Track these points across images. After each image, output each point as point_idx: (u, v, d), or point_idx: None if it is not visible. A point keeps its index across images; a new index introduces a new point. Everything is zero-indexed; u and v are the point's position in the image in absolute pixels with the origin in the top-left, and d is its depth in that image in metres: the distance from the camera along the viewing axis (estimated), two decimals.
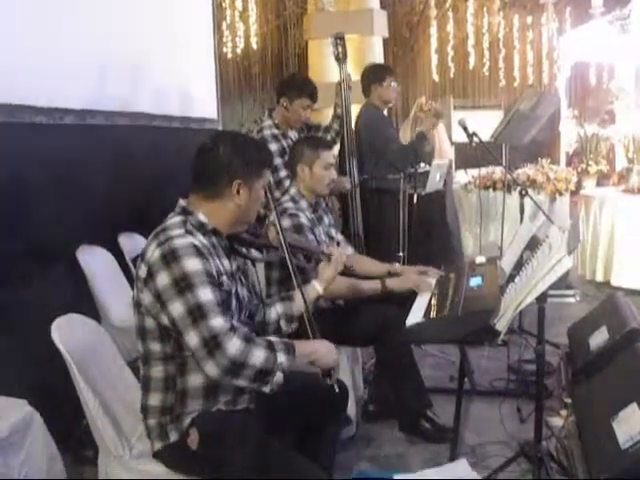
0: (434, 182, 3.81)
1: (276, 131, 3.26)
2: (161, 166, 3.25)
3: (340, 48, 3.40)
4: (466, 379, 2.74)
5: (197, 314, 1.48)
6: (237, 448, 1.52)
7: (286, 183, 2.98)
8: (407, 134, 5.53)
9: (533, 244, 2.03)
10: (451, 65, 7.34)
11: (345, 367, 2.38)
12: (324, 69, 5.72)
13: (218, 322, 1.49)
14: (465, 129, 3.14)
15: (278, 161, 3.12)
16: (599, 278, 4.47)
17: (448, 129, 5.62)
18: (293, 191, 2.53)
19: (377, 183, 3.60)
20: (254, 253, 1.83)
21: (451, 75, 7.36)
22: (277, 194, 2.86)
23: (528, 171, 5.21)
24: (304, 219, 2.40)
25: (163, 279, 1.50)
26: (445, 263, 2.63)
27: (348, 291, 2.35)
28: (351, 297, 2.39)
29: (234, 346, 1.48)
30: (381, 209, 3.64)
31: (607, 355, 2.05)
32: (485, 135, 3.34)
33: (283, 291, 2.26)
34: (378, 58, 6.14)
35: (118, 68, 3.08)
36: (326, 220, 2.67)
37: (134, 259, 2.88)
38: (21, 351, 2.17)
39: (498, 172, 5.07)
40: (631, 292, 4.00)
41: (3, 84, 2.36)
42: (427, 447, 2.42)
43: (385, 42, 6.60)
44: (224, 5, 6.09)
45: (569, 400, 2.18)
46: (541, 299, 1.81)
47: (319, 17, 6.16)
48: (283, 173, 3.11)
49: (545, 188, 5.03)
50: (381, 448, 2.45)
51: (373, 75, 3.72)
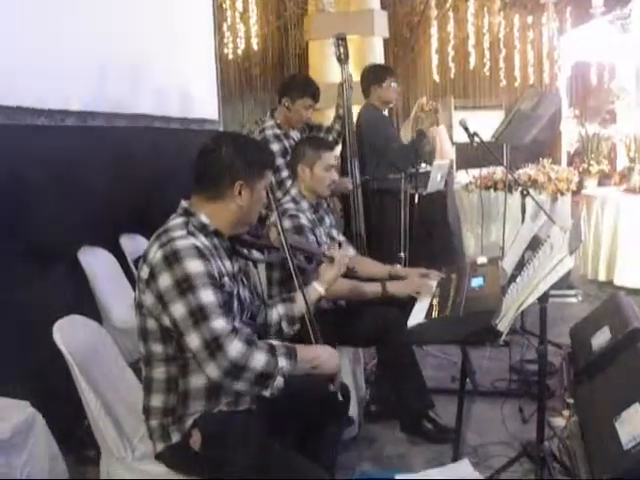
0: (435, 182, 3.80)
1: (278, 131, 3.26)
2: (162, 167, 3.25)
3: (342, 49, 3.40)
4: (468, 379, 2.74)
5: (199, 315, 1.48)
6: (239, 449, 1.52)
7: (288, 183, 2.98)
8: (408, 134, 5.53)
9: (535, 244, 2.03)
10: (452, 65, 7.33)
11: (347, 368, 2.38)
12: (325, 70, 5.72)
13: (220, 324, 1.49)
14: (466, 129, 3.14)
15: (280, 161, 3.11)
16: (602, 278, 4.47)
17: (449, 129, 5.62)
18: (294, 192, 2.52)
19: (378, 183, 3.60)
20: (255, 254, 1.82)
21: (452, 75, 7.36)
22: (279, 194, 2.86)
23: (529, 171, 5.20)
24: (305, 220, 2.40)
25: (165, 280, 1.51)
26: (446, 263, 2.63)
27: (349, 293, 2.35)
28: (352, 299, 2.39)
29: (235, 348, 1.48)
30: (382, 209, 3.64)
31: (609, 355, 2.05)
32: (486, 135, 3.33)
33: (284, 292, 2.26)
34: (379, 58, 6.15)
35: (119, 69, 3.08)
36: (327, 221, 2.66)
37: (136, 260, 2.88)
38: (23, 352, 2.17)
39: (499, 172, 5.07)
40: (634, 291, 3.99)
41: (4, 86, 2.36)
42: (429, 447, 2.41)
43: (386, 42, 6.60)
44: (225, 6, 6.10)
45: (571, 400, 2.18)
46: (543, 299, 1.80)
47: (319, 18, 6.17)
48: (285, 173, 3.11)
49: (546, 188, 5.03)
50: (383, 448, 2.44)
51: (373, 76, 3.72)
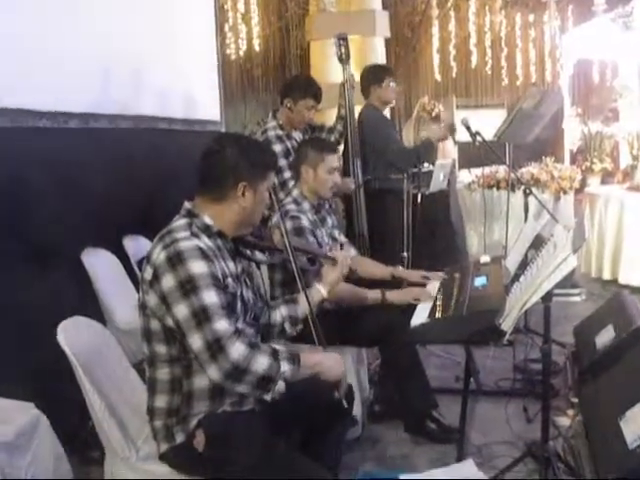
0: (438, 182, 3.80)
1: (280, 132, 3.26)
2: (165, 168, 3.26)
3: (343, 49, 3.40)
4: (472, 379, 2.73)
5: (201, 317, 1.48)
6: (243, 449, 1.52)
7: (290, 185, 2.98)
8: (410, 134, 5.53)
9: (538, 243, 2.02)
10: (453, 64, 7.32)
11: (350, 368, 2.37)
12: (326, 70, 5.71)
13: (222, 325, 1.49)
14: (468, 128, 3.13)
15: (282, 162, 3.11)
16: (606, 276, 4.45)
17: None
18: (295, 193, 2.52)
19: (381, 183, 3.60)
20: (258, 255, 1.83)
21: (453, 74, 7.34)
22: (281, 195, 2.86)
23: (532, 170, 5.19)
24: (305, 221, 2.40)
25: (168, 281, 1.51)
26: (449, 263, 2.62)
27: (350, 298, 2.34)
28: (352, 304, 2.38)
29: (237, 351, 1.48)
30: (385, 209, 3.63)
31: (614, 354, 2.04)
32: (488, 134, 3.32)
33: (287, 293, 2.26)
34: (380, 58, 6.14)
35: (121, 71, 3.09)
36: (329, 221, 2.66)
37: (139, 262, 2.88)
38: (27, 354, 2.18)
39: (502, 171, 5.06)
40: (639, 290, 3.98)
41: (6, 88, 2.37)
42: (433, 447, 2.41)
43: (387, 42, 6.59)
44: (226, 7, 6.10)
45: (576, 399, 2.17)
46: (546, 298, 1.80)
47: (321, 18, 6.16)
48: (287, 174, 3.11)
49: (549, 187, 5.01)
50: (387, 449, 2.44)
51: (372, 76, 3.72)
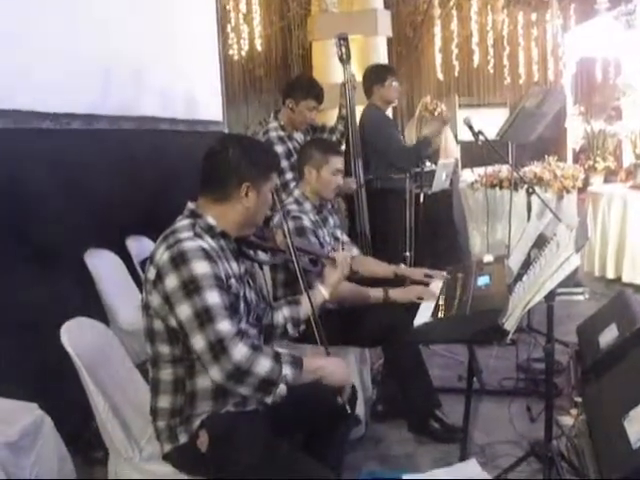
0: (440, 181, 3.80)
1: (282, 133, 3.26)
2: (167, 169, 3.26)
3: (344, 49, 3.40)
4: (475, 378, 2.73)
5: (204, 317, 1.49)
6: (246, 449, 1.52)
7: (292, 185, 2.98)
8: (412, 134, 5.53)
9: (541, 242, 2.01)
10: (455, 64, 7.32)
11: (353, 367, 2.37)
12: (328, 70, 5.72)
13: (225, 326, 1.49)
14: (471, 127, 3.13)
15: (284, 164, 3.11)
16: (610, 275, 4.44)
17: (453, 128, 5.61)
18: (297, 193, 2.52)
19: (383, 183, 3.59)
20: (261, 256, 1.83)
21: (456, 74, 7.35)
22: (283, 196, 2.86)
23: (535, 169, 5.18)
24: (307, 222, 2.40)
25: (172, 281, 1.51)
26: (452, 262, 2.62)
27: (352, 297, 2.34)
28: (354, 303, 2.38)
29: (240, 352, 1.48)
30: (387, 209, 3.63)
31: (617, 353, 2.04)
32: (491, 133, 3.32)
33: (289, 293, 2.26)
34: (382, 58, 6.14)
35: (123, 72, 3.09)
36: (331, 221, 2.66)
37: (142, 262, 2.89)
38: (31, 355, 2.19)
39: (504, 170, 5.05)
40: None
41: (9, 89, 2.38)
42: (436, 447, 2.41)
43: (389, 42, 6.60)
44: (228, 7, 6.11)
45: (579, 399, 2.16)
46: (549, 297, 1.79)
47: (323, 18, 6.17)
48: (289, 175, 3.11)
49: (552, 186, 5.00)
50: (390, 448, 2.44)
51: (375, 76, 3.72)
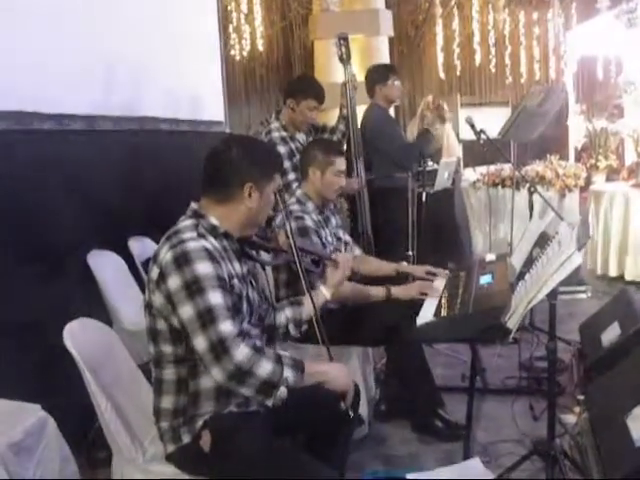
0: (442, 180, 3.80)
1: (284, 133, 3.26)
2: (169, 169, 3.27)
3: (344, 49, 3.39)
4: (478, 377, 2.73)
5: (206, 318, 1.49)
6: (249, 449, 1.52)
7: (294, 186, 2.98)
8: (414, 132, 5.51)
9: (543, 241, 2.01)
10: (457, 63, 7.32)
11: (356, 367, 2.38)
12: (330, 69, 5.72)
13: (227, 327, 1.49)
14: (472, 126, 3.13)
15: (287, 164, 3.11)
16: (612, 273, 4.43)
17: (455, 127, 5.60)
18: (299, 193, 2.53)
19: (385, 182, 3.60)
20: (264, 256, 1.83)
21: (457, 73, 7.35)
22: (285, 197, 2.86)
23: (537, 167, 5.17)
24: (309, 222, 2.40)
25: (174, 281, 1.51)
26: (454, 261, 2.62)
27: (353, 296, 2.34)
28: (356, 302, 2.38)
29: (242, 353, 1.48)
30: (390, 208, 3.63)
31: (620, 351, 2.04)
32: (493, 132, 3.32)
33: (291, 293, 2.27)
34: (384, 57, 6.14)
35: (125, 72, 3.09)
36: (333, 221, 2.66)
37: (144, 263, 2.89)
38: (34, 356, 2.19)
39: (506, 169, 5.04)
40: None
41: (10, 90, 2.38)
42: (440, 446, 2.41)
43: (391, 41, 6.60)
44: (230, 8, 6.12)
45: (582, 397, 2.17)
46: (552, 296, 1.80)
47: (324, 17, 6.17)
48: (292, 176, 3.11)
49: (554, 184, 4.99)
50: (393, 448, 2.44)
51: (377, 75, 3.73)
